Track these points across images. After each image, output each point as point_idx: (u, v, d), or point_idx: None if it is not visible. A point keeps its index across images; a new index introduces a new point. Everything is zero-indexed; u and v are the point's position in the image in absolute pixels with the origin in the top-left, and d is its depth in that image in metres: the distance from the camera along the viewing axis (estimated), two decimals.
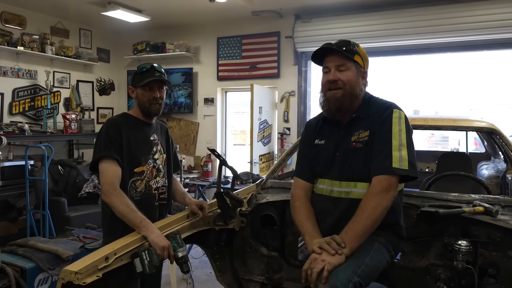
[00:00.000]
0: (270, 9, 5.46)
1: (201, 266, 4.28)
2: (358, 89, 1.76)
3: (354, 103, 1.77)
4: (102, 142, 1.98)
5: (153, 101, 2.08)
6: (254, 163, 5.35)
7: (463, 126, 2.62)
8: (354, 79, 1.74)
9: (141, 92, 2.08)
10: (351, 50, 1.76)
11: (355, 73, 1.75)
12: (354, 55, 1.76)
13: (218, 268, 2.45)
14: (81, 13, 5.79)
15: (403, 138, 1.68)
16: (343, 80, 1.73)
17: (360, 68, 1.77)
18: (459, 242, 1.83)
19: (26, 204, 4.52)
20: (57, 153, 5.74)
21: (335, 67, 1.75)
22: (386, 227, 1.72)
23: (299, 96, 5.76)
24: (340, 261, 1.53)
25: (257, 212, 2.36)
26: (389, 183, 1.63)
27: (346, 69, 1.74)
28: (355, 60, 1.75)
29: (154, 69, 2.09)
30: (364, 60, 1.79)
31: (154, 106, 2.10)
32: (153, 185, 2.12)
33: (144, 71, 2.08)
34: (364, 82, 1.80)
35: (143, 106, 2.09)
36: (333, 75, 1.74)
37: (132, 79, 2.14)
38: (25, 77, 5.57)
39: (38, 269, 2.44)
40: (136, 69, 2.14)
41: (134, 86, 2.11)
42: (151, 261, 1.67)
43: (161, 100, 2.12)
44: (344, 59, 1.75)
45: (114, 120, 2.10)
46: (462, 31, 4.75)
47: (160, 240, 1.75)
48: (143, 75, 2.07)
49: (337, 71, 1.74)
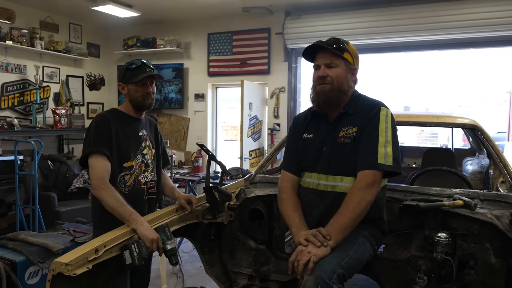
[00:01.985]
0: (261, 5, 5.49)
1: (191, 260, 4.33)
2: (346, 85, 1.82)
3: (341, 98, 1.83)
4: (92, 137, 2.01)
5: (146, 96, 2.12)
6: (244, 158, 5.39)
7: (446, 123, 2.69)
8: (343, 75, 1.81)
9: (133, 88, 2.11)
10: (341, 48, 1.82)
11: (344, 70, 1.81)
12: (344, 52, 1.82)
13: (207, 261, 2.50)
14: (71, 8, 5.76)
15: (389, 135, 1.75)
16: (332, 76, 1.80)
17: (349, 65, 1.83)
18: (439, 234, 1.89)
19: (16, 199, 4.52)
20: (46, 148, 5.73)
21: (325, 64, 1.82)
22: (370, 221, 1.79)
23: (289, 92, 5.81)
24: (325, 253, 1.59)
25: (245, 206, 2.41)
26: (374, 178, 1.70)
27: (335, 66, 1.81)
28: (344, 58, 1.81)
29: (145, 65, 2.12)
30: (354, 58, 1.85)
31: (147, 100, 2.14)
32: (142, 180, 2.15)
33: (135, 67, 2.10)
34: (353, 78, 1.86)
35: (136, 101, 2.12)
36: (322, 71, 1.82)
37: (122, 75, 2.15)
38: (14, 72, 5.53)
39: (29, 262, 2.47)
40: (125, 65, 2.16)
41: (125, 83, 2.14)
42: (140, 253, 1.71)
43: (153, 95, 2.17)
44: (333, 56, 1.82)
45: (103, 116, 2.13)
46: (449, 29, 4.82)
47: (149, 233, 1.79)
48: (134, 72, 2.10)
49: (326, 68, 1.81)
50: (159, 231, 1.86)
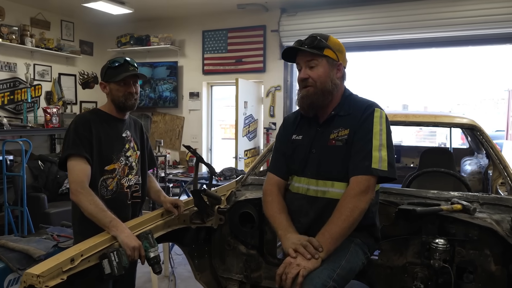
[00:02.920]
0: (256, 2, 5.40)
1: (184, 263, 4.22)
2: (330, 83, 1.70)
3: (327, 98, 1.72)
4: (71, 139, 1.92)
5: (128, 96, 2.02)
6: (239, 158, 5.30)
7: (444, 123, 2.60)
8: (325, 74, 1.70)
9: (115, 87, 2.01)
10: (319, 46, 1.70)
11: (326, 68, 1.70)
12: (323, 49, 1.70)
13: (196, 267, 2.41)
14: (63, 4, 5.65)
15: (384, 138, 1.64)
16: (313, 77, 1.70)
17: (332, 61, 1.71)
18: (436, 240, 1.81)
19: (4, 200, 4.42)
20: (38, 148, 5.63)
21: (305, 64, 1.72)
22: (363, 228, 1.68)
23: (285, 90, 5.72)
24: (315, 266, 1.49)
25: (235, 209, 2.31)
26: (368, 184, 1.59)
27: (316, 65, 1.70)
28: (325, 55, 1.70)
29: (128, 63, 2.02)
30: (337, 52, 1.72)
31: (130, 101, 2.04)
32: (125, 183, 2.06)
33: (118, 65, 2.00)
34: (338, 75, 1.73)
35: (118, 101, 2.03)
36: (303, 73, 1.73)
37: (103, 74, 2.06)
38: (3, 70, 5.43)
39: (8, 270, 2.37)
40: (107, 63, 2.06)
41: (107, 81, 2.04)
42: (120, 262, 1.62)
43: (136, 95, 2.06)
44: (312, 55, 1.71)
45: (83, 117, 2.03)
46: (447, 26, 4.75)
47: (130, 240, 1.69)
48: (116, 70, 2.00)
49: (307, 68, 1.71)
50: (142, 238, 1.76)
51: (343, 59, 1.76)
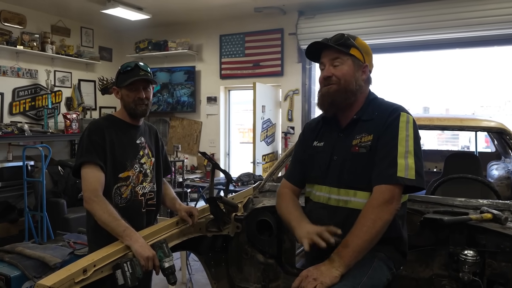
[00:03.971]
0: (273, 5, 5.35)
1: (201, 270, 4.15)
2: (354, 83, 1.62)
3: (349, 99, 1.63)
4: (84, 147, 1.89)
5: (138, 102, 1.98)
6: (257, 163, 5.24)
7: (471, 126, 2.48)
8: (350, 73, 1.62)
9: (126, 92, 1.98)
10: (346, 44, 1.63)
11: (351, 67, 1.63)
12: (350, 48, 1.63)
13: (213, 275, 2.36)
14: (82, 11, 5.72)
15: (410, 144, 1.53)
16: (337, 75, 1.62)
17: (358, 62, 1.64)
18: (465, 252, 1.71)
19: (24, 206, 4.46)
20: (58, 153, 5.71)
21: (330, 62, 1.64)
22: (388, 242, 1.57)
23: (303, 94, 5.64)
24: (333, 281, 1.39)
25: (253, 217, 2.25)
26: (392, 194, 1.48)
27: (341, 63, 1.62)
28: (351, 54, 1.63)
29: (139, 67, 1.98)
30: (364, 54, 1.65)
31: (140, 107, 1.99)
32: (139, 191, 2.01)
33: (128, 70, 1.97)
34: (363, 77, 1.65)
35: (128, 107, 2.00)
36: (327, 71, 1.64)
37: (116, 79, 2.03)
38: (25, 77, 5.52)
39: (24, 277, 2.36)
40: (119, 68, 2.03)
41: (118, 87, 2.01)
42: (133, 272, 1.57)
43: (147, 101, 2.01)
44: (338, 53, 1.63)
45: (97, 123, 2.00)
46: (471, 26, 4.60)
47: (144, 250, 1.65)
48: (127, 75, 1.97)
49: (331, 67, 1.64)
50: (156, 247, 1.72)
51: (369, 61, 1.69)
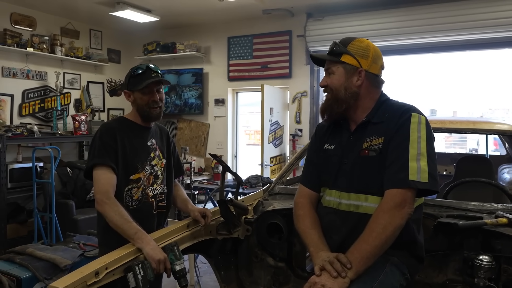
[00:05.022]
0: (281, 7, 5.34)
1: (210, 272, 4.17)
2: (343, 92, 1.60)
3: (341, 107, 1.61)
4: (96, 149, 1.88)
5: (152, 105, 1.98)
6: (265, 165, 5.23)
7: (484, 129, 2.45)
8: (340, 82, 1.61)
9: (139, 96, 1.97)
10: (336, 52, 1.62)
11: (341, 75, 1.61)
12: (341, 55, 1.61)
13: (223, 279, 2.34)
14: (91, 14, 5.75)
15: (423, 146, 1.49)
16: (330, 85, 1.64)
17: (351, 68, 1.60)
18: (480, 257, 1.68)
19: (33, 207, 4.48)
20: (67, 155, 5.73)
21: (326, 71, 1.68)
22: (401, 246, 1.53)
23: (311, 96, 5.62)
24: (343, 287, 1.37)
25: (263, 220, 2.24)
26: (404, 197, 1.44)
27: (333, 73, 1.64)
28: (342, 61, 1.61)
29: (150, 69, 1.97)
30: (359, 57, 1.60)
31: (154, 110, 1.99)
32: (150, 193, 2.01)
33: (140, 73, 1.96)
34: (358, 82, 1.60)
35: (142, 110, 1.99)
36: (322, 81, 1.70)
37: (127, 82, 2.02)
38: (35, 79, 5.55)
39: (35, 279, 2.37)
40: (130, 71, 2.02)
41: (131, 90, 2.00)
42: (145, 275, 1.56)
43: (161, 103, 2.01)
44: (329, 63, 1.65)
45: (108, 125, 1.99)
46: (481, 28, 4.55)
47: (155, 253, 1.64)
48: (139, 78, 1.96)
49: (327, 76, 1.67)
50: (167, 250, 1.71)
51: (368, 64, 1.61)
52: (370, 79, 1.62)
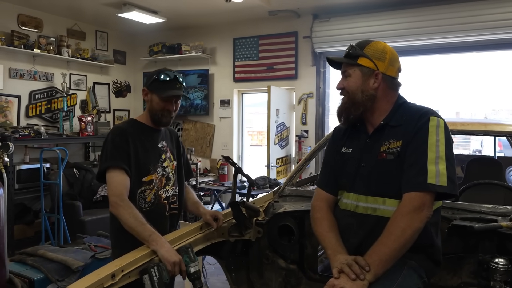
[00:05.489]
0: (288, 8, 5.34)
1: (217, 273, 4.17)
2: (360, 95, 1.60)
3: (358, 109, 1.62)
4: (109, 151, 1.89)
5: (165, 113, 1.98)
6: (271, 166, 5.22)
7: (496, 131, 2.44)
8: (356, 85, 1.61)
9: (156, 100, 1.97)
10: (353, 54, 1.62)
11: (358, 78, 1.61)
12: (358, 58, 1.61)
13: (233, 280, 2.34)
14: (97, 15, 5.77)
15: (441, 149, 1.48)
16: (346, 88, 1.65)
17: (367, 70, 1.60)
18: (496, 260, 1.67)
19: (41, 208, 4.50)
20: (73, 156, 5.74)
21: (342, 74, 1.69)
22: (419, 249, 1.53)
23: (317, 97, 5.61)
24: None
25: (274, 222, 2.24)
26: (422, 201, 1.44)
27: (349, 75, 1.64)
28: (358, 64, 1.61)
29: (177, 79, 1.97)
30: (376, 60, 1.60)
31: (165, 118, 1.99)
32: (163, 195, 2.01)
33: (168, 80, 1.95)
34: (375, 85, 1.60)
35: (154, 114, 1.99)
36: (338, 84, 1.70)
37: (149, 81, 2.00)
38: (41, 80, 5.57)
39: (47, 280, 2.37)
40: (155, 72, 2.00)
41: (150, 90, 1.99)
42: (161, 278, 1.56)
43: (174, 113, 2.02)
44: (346, 66, 1.66)
45: (120, 128, 1.99)
46: (489, 29, 4.53)
47: (170, 255, 1.64)
48: (163, 84, 1.95)
49: (344, 79, 1.68)
50: (182, 252, 1.71)
51: (385, 67, 1.61)
52: (387, 81, 1.62)
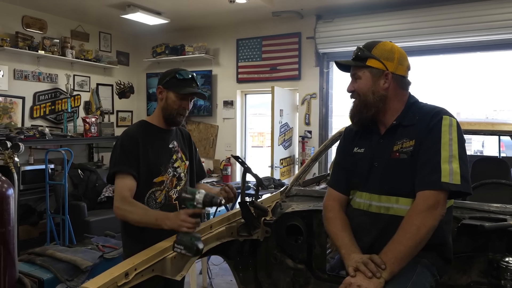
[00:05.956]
0: (291, 9, 5.35)
1: (222, 274, 4.18)
2: (371, 96, 1.61)
3: (371, 111, 1.63)
4: (118, 156, 1.92)
5: (181, 111, 2.00)
6: (275, 167, 5.23)
7: (504, 131, 2.45)
8: (367, 86, 1.62)
9: (173, 98, 1.98)
10: (362, 56, 1.63)
11: (368, 80, 1.62)
12: (366, 59, 1.62)
13: (241, 280, 2.34)
14: (101, 16, 5.78)
15: (454, 148, 1.50)
16: (357, 90, 1.65)
17: (377, 71, 1.61)
18: (507, 259, 1.67)
19: (46, 209, 4.50)
20: (77, 157, 5.74)
21: (352, 76, 1.69)
22: (431, 248, 1.54)
23: (320, 98, 5.62)
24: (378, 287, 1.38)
25: (282, 221, 2.24)
26: (437, 199, 1.45)
27: (359, 77, 1.64)
28: (367, 65, 1.62)
29: (194, 79, 2.00)
30: (385, 60, 1.61)
31: (179, 117, 2.02)
32: (173, 195, 2.02)
33: (186, 78, 1.97)
34: (386, 85, 1.61)
35: (169, 112, 1.99)
36: (348, 86, 1.70)
37: (166, 80, 1.99)
38: (46, 81, 5.58)
39: (56, 280, 2.37)
40: (173, 70, 2.01)
41: (167, 88, 2.00)
42: (186, 246, 1.58)
43: (187, 112, 2.05)
44: (355, 68, 1.66)
45: (130, 131, 2.02)
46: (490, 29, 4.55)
47: (173, 224, 1.64)
48: (182, 82, 1.97)
49: (354, 81, 1.68)
50: (182, 201, 1.66)
51: (394, 66, 1.62)
52: (397, 81, 1.63)
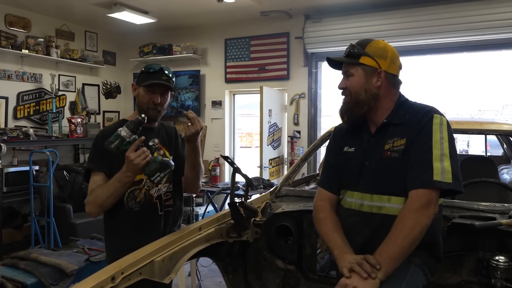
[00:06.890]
0: (279, 9, 5.33)
1: (211, 275, 4.14)
2: (363, 94, 1.60)
3: (362, 109, 1.61)
4: (91, 154, 1.93)
5: (151, 106, 1.93)
6: (264, 167, 5.20)
7: (492, 130, 2.46)
8: (359, 84, 1.61)
9: (142, 93, 1.94)
10: (354, 54, 1.62)
11: (361, 77, 1.60)
12: (360, 57, 1.61)
13: (231, 282, 2.31)
14: (87, 15, 5.69)
15: (445, 147, 1.50)
16: (348, 87, 1.64)
17: (370, 69, 1.60)
18: (497, 257, 1.67)
19: (31, 211, 4.41)
20: (62, 158, 5.65)
21: (344, 74, 1.68)
22: (422, 247, 1.53)
23: (309, 98, 5.62)
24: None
25: (272, 222, 2.22)
26: (429, 198, 1.45)
27: (352, 75, 1.63)
28: (360, 63, 1.61)
29: (162, 71, 1.94)
30: (378, 58, 1.60)
31: (152, 111, 1.94)
32: (154, 194, 1.97)
33: (152, 72, 1.93)
34: (378, 83, 1.60)
35: (141, 108, 1.96)
36: (340, 83, 1.69)
37: (138, 76, 2.00)
38: (30, 81, 5.47)
39: (41, 285, 2.31)
40: (144, 67, 2.00)
41: (137, 84, 1.98)
42: (158, 167, 1.73)
43: (160, 107, 1.95)
44: (347, 65, 1.65)
45: (106, 129, 2.00)
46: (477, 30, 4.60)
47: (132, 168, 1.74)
48: (149, 76, 1.93)
49: (345, 78, 1.66)
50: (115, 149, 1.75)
51: (387, 65, 1.61)
52: (389, 79, 1.62)
